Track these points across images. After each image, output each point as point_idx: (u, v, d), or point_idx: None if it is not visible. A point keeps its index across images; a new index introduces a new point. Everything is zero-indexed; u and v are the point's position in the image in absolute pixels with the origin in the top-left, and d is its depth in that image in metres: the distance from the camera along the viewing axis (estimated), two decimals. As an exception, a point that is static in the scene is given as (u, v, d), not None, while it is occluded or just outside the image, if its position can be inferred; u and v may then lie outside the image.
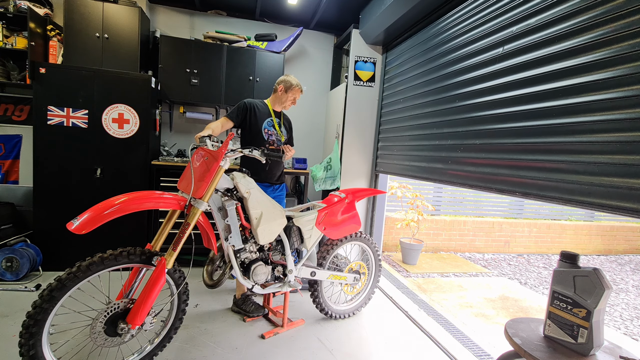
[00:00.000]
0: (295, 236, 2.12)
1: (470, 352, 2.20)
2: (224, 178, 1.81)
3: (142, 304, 1.53)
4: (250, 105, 2.39)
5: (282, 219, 2.02)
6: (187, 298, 1.82)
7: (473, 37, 2.02)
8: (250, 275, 1.91)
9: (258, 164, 2.32)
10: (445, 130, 2.24)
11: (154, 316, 1.63)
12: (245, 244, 1.90)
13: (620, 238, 6.01)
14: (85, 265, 1.44)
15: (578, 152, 1.35)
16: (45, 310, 1.38)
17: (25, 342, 1.37)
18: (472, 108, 1.99)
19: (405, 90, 2.86)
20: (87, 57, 3.00)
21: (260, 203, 1.90)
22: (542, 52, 1.53)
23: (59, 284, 1.39)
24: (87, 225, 1.37)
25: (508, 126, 1.70)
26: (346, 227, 2.32)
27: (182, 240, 1.64)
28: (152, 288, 1.54)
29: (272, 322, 2.31)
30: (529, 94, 1.59)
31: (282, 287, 2.09)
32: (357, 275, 2.44)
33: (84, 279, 1.44)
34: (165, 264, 1.58)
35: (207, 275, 1.94)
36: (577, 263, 1.29)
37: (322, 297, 2.34)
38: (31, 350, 1.38)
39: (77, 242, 2.86)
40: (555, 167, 1.44)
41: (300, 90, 2.46)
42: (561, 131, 1.42)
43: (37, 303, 1.38)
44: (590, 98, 1.31)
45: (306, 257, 2.22)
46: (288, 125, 2.59)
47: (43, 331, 1.40)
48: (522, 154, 1.61)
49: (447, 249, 5.08)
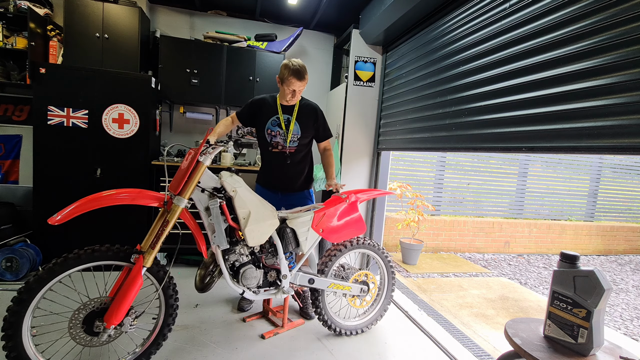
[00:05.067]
0: (289, 239, 1.97)
1: (470, 352, 2.20)
2: (209, 177, 1.75)
3: (119, 302, 1.50)
4: (256, 101, 2.20)
5: (273, 219, 1.90)
6: (175, 294, 1.75)
7: (474, 35, 2.02)
8: (240, 279, 1.83)
9: (266, 167, 2.26)
10: (449, 98, 2.21)
11: (134, 317, 1.59)
12: (235, 246, 1.82)
13: (620, 238, 6.01)
14: (62, 261, 1.47)
15: (584, 97, 1.35)
16: (24, 303, 1.41)
17: (7, 340, 1.41)
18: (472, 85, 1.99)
19: (405, 92, 2.86)
20: (87, 57, 3.00)
21: (248, 202, 1.81)
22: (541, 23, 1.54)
23: (37, 278, 1.42)
24: (66, 216, 1.42)
25: (512, 83, 1.70)
26: (347, 230, 2.13)
27: (161, 238, 1.60)
28: (129, 287, 1.51)
29: (272, 322, 2.31)
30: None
31: (277, 293, 1.97)
32: (364, 286, 2.22)
33: (61, 273, 1.47)
34: (143, 262, 1.55)
35: (198, 279, 1.88)
36: (577, 263, 1.29)
37: (324, 309, 2.12)
38: (13, 351, 1.41)
39: (77, 242, 2.86)
40: (562, 114, 1.43)
41: (297, 79, 2.03)
42: (566, 79, 1.42)
43: (15, 297, 1.41)
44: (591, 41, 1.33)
45: (302, 262, 2.07)
46: (310, 118, 2.21)
47: (22, 328, 1.43)
48: (527, 109, 1.60)
49: (447, 249, 5.08)
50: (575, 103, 1.39)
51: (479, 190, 5.55)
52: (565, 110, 1.43)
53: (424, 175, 5.34)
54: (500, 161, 5.67)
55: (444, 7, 2.35)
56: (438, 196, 5.36)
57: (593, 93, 1.32)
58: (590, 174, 6.19)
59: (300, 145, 2.22)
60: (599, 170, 6.21)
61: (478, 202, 5.56)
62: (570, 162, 6.07)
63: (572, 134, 1.41)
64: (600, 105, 1.30)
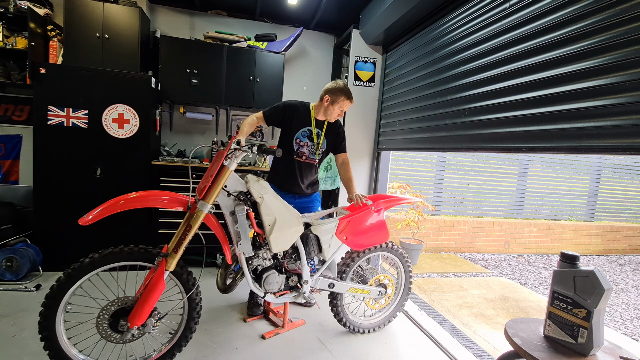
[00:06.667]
0: (313, 245, 1.97)
1: (470, 352, 2.20)
2: (236, 180, 1.72)
3: (143, 304, 1.52)
4: (288, 108, 2.21)
5: (298, 226, 1.89)
6: (199, 306, 1.74)
7: (474, 35, 2.02)
8: (262, 284, 1.83)
9: (285, 172, 2.25)
10: (449, 98, 2.22)
11: (157, 319, 1.60)
12: (258, 251, 1.81)
13: (620, 238, 6.01)
14: (89, 261, 1.52)
15: (584, 97, 1.35)
16: (52, 306, 1.48)
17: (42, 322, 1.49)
18: (473, 85, 1.99)
19: (405, 92, 2.86)
20: (87, 57, 3.00)
21: (274, 209, 1.78)
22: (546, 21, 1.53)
23: (63, 279, 1.48)
24: (96, 217, 1.46)
25: (513, 83, 1.71)
26: (371, 238, 2.12)
27: (184, 242, 1.58)
28: (151, 289, 1.52)
29: (273, 323, 2.31)
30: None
31: (297, 297, 1.98)
32: (382, 289, 2.24)
33: (90, 272, 1.52)
34: (166, 266, 1.56)
35: (220, 279, 1.89)
36: (577, 263, 1.29)
37: (342, 309, 2.17)
38: (44, 331, 1.49)
39: (77, 242, 2.87)
40: (563, 114, 1.43)
41: (350, 101, 2.17)
42: (566, 79, 1.42)
43: (44, 302, 1.47)
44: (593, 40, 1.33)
45: (324, 268, 2.07)
46: (335, 134, 2.32)
47: (57, 316, 1.50)
48: (527, 109, 1.60)
49: (447, 249, 5.08)
50: (575, 103, 1.39)
51: (479, 190, 5.55)
52: (565, 110, 1.43)
53: (424, 175, 5.34)
54: (500, 161, 5.67)
55: (444, 7, 2.35)
56: (438, 196, 5.36)
57: (593, 93, 1.32)
58: (590, 174, 6.19)
59: (322, 158, 2.35)
60: (599, 170, 6.21)
61: (478, 202, 5.56)
62: (570, 162, 6.07)
63: (572, 134, 1.41)
64: (600, 105, 1.30)
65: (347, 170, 2.33)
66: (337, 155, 2.38)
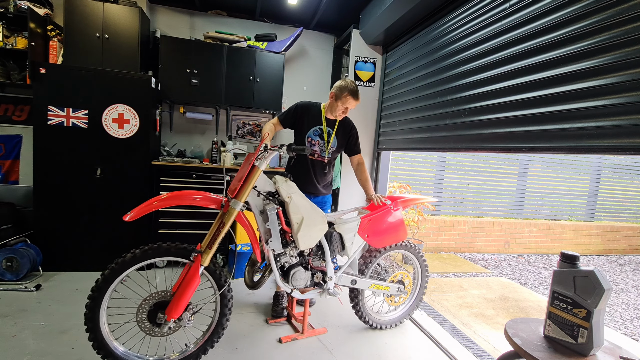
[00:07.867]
0: (336, 243, 2.06)
1: (470, 352, 2.20)
2: (265, 181, 1.81)
3: (179, 297, 1.59)
4: (301, 109, 2.28)
5: (323, 224, 1.97)
6: (231, 303, 1.78)
7: (474, 35, 2.02)
8: (290, 280, 1.91)
9: (300, 171, 2.29)
10: (449, 98, 2.22)
11: (192, 313, 1.67)
12: (285, 249, 1.89)
13: (620, 238, 6.01)
14: (130, 256, 1.60)
15: (584, 97, 1.35)
16: (97, 298, 1.56)
17: (88, 312, 1.56)
18: (473, 85, 1.99)
19: (405, 92, 2.86)
20: (87, 57, 3.00)
21: (302, 208, 1.87)
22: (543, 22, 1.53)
23: (108, 273, 1.56)
24: (136, 214, 1.56)
25: (513, 83, 1.71)
26: (390, 236, 2.20)
27: (218, 239, 1.66)
28: (188, 283, 1.59)
29: (294, 327, 2.29)
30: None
31: (322, 293, 2.05)
32: (400, 285, 2.32)
33: (129, 268, 1.60)
34: (201, 261, 1.62)
35: (248, 276, 1.95)
36: (577, 263, 1.29)
37: (363, 306, 2.26)
38: (89, 322, 1.56)
39: (78, 242, 2.87)
40: (563, 114, 1.44)
41: (354, 99, 2.17)
42: (566, 79, 1.42)
43: (89, 295, 1.56)
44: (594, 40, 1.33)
45: (347, 264, 2.14)
46: (347, 134, 2.36)
47: (101, 308, 1.58)
48: (527, 109, 1.60)
49: (447, 249, 5.08)
50: (576, 103, 1.39)
51: (479, 190, 5.54)
52: (565, 110, 1.43)
53: (424, 175, 5.34)
54: (500, 161, 5.66)
55: (444, 7, 2.35)
56: (438, 196, 5.35)
57: (593, 93, 1.32)
58: (590, 174, 6.18)
59: (333, 157, 2.38)
60: (599, 170, 6.21)
61: (478, 202, 5.56)
62: (570, 162, 6.07)
63: (572, 134, 1.41)
64: (600, 105, 1.30)
65: (362, 171, 2.37)
66: (352, 157, 2.43)
